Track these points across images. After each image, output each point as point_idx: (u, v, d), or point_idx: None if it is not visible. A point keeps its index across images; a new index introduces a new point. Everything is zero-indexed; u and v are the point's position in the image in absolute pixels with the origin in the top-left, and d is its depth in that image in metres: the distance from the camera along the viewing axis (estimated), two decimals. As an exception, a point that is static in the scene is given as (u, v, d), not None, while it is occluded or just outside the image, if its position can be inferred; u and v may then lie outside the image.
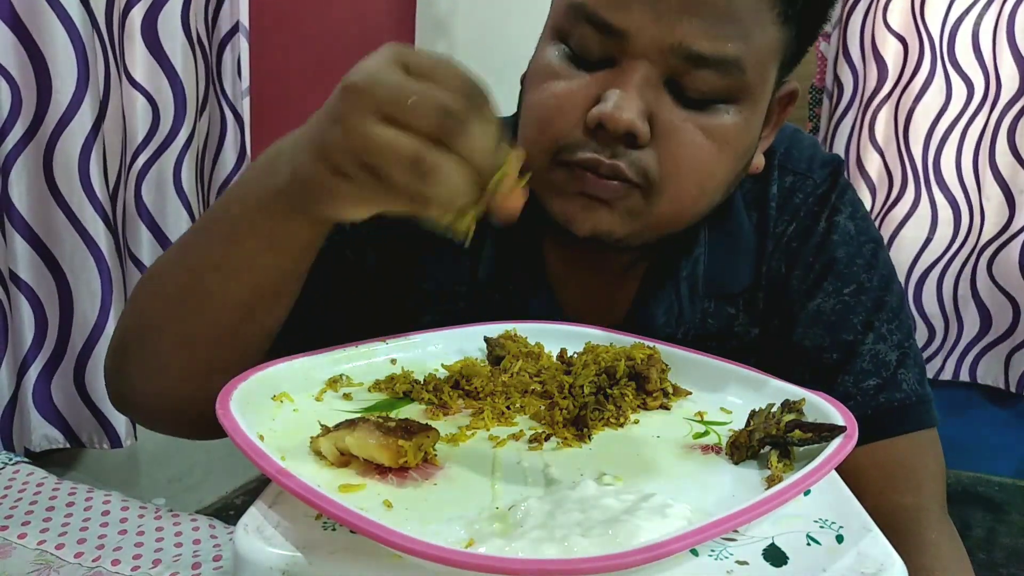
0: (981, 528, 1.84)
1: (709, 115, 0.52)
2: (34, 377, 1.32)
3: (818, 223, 0.62)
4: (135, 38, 1.43)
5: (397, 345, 0.52)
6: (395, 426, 0.36)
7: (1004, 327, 1.93)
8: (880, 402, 0.58)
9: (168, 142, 1.49)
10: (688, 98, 0.51)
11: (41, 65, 1.21)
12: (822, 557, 0.31)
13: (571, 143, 0.52)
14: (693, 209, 0.55)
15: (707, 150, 0.52)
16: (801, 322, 0.61)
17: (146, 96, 1.46)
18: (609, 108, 0.49)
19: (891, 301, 0.61)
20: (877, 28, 1.89)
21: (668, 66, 0.50)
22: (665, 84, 0.51)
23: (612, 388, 0.46)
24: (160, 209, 1.52)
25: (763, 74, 0.52)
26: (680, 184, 0.53)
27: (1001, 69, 1.83)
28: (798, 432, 0.38)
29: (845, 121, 1.95)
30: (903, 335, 0.61)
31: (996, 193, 1.89)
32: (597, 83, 0.52)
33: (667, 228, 0.56)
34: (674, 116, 0.51)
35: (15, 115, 1.22)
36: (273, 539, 0.31)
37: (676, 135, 0.51)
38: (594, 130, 0.51)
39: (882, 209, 1.97)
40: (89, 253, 1.29)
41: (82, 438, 1.38)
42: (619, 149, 0.51)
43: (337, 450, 0.36)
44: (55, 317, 1.31)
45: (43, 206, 1.26)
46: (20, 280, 1.27)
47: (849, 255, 0.61)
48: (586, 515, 0.32)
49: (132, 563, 0.76)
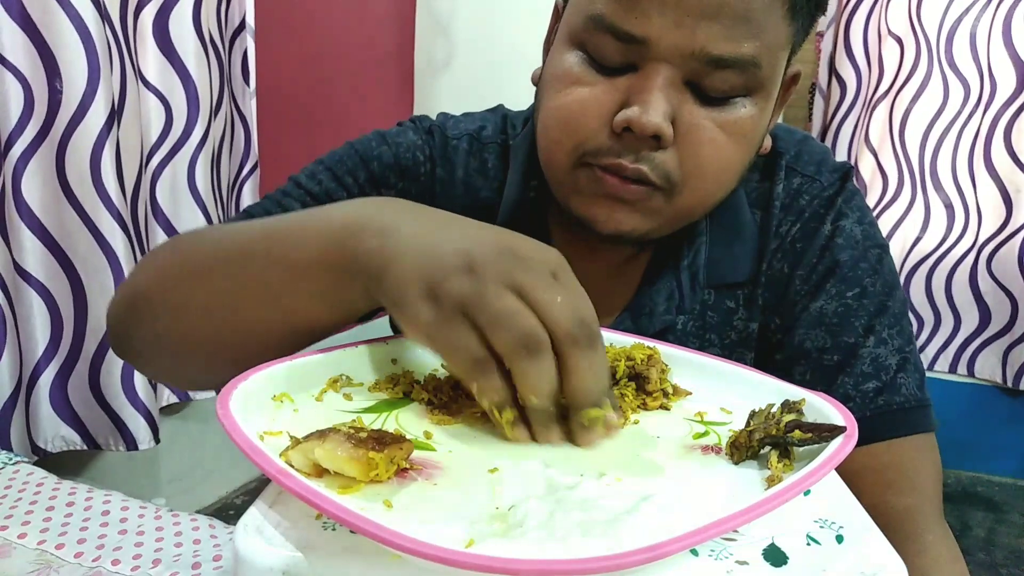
0: (981, 528, 1.84)
1: (727, 110, 0.53)
2: (50, 378, 1.33)
3: (823, 225, 0.63)
4: (147, 38, 1.43)
5: (397, 345, 0.52)
6: (367, 437, 0.35)
7: (1002, 323, 1.94)
8: (879, 405, 0.58)
9: (181, 143, 1.49)
10: (707, 96, 0.53)
11: (52, 65, 1.21)
12: (822, 557, 0.31)
13: (596, 147, 0.54)
14: (711, 201, 0.57)
15: (726, 145, 0.54)
16: (802, 323, 0.61)
17: (159, 97, 1.46)
18: (636, 112, 0.51)
19: (893, 307, 0.61)
20: (874, 29, 1.89)
21: (688, 69, 0.52)
22: (685, 84, 0.53)
23: (612, 388, 0.46)
24: (175, 210, 1.52)
25: (776, 67, 0.54)
26: (701, 181, 0.55)
27: (996, 70, 1.84)
28: (798, 432, 0.38)
29: (847, 121, 1.95)
30: (904, 340, 0.61)
31: (993, 193, 1.89)
32: (620, 88, 0.53)
33: (685, 220, 0.58)
34: (695, 115, 0.53)
35: (28, 115, 1.22)
36: (273, 539, 0.31)
37: (697, 134, 0.53)
38: (620, 134, 0.53)
39: (875, 208, 1.97)
40: (103, 253, 1.29)
41: (98, 440, 1.38)
42: (643, 152, 0.53)
43: (310, 461, 0.35)
44: (70, 318, 1.32)
45: (57, 206, 1.26)
46: (33, 279, 1.27)
47: (854, 259, 0.61)
48: (586, 515, 0.32)
49: (132, 563, 0.76)
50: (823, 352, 0.60)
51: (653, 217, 0.56)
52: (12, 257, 1.25)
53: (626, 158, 0.53)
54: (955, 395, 2.05)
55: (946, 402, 2.05)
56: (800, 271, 0.62)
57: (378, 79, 2.29)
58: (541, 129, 0.58)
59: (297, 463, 0.35)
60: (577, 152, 0.55)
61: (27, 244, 1.25)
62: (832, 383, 0.59)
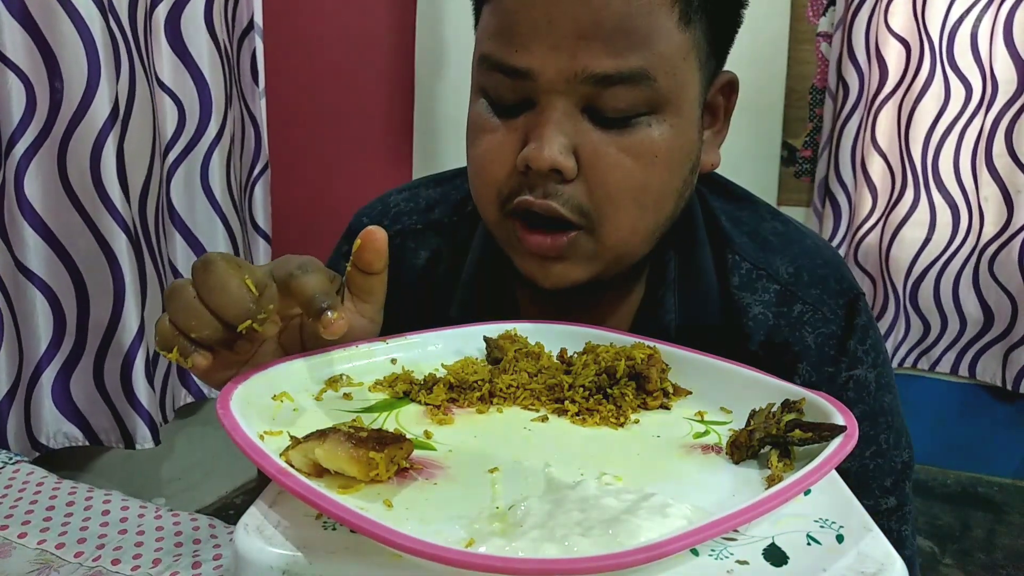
0: (981, 528, 1.84)
1: (631, 132, 0.52)
2: (53, 375, 1.33)
3: (838, 373, 0.60)
4: (160, 38, 1.43)
5: (397, 345, 0.52)
6: (367, 436, 0.35)
7: (1004, 325, 1.94)
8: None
9: (194, 143, 1.50)
10: (609, 119, 0.51)
11: (53, 64, 1.21)
12: (822, 557, 0.31)
13: (509, 191, 0.54)
14: (642, 228, 0.55)
15: (635, 169, 0.52)
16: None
17: (172, 97, 1.46)
18: (532, 149, 0.50)
19: (900, 466, 0.61)
20: (879, 30, 1.89)
21: (580, 94, 0.50)
22: (583, 112, 0.51)
23: (612, 388, 0.46)
24: (190, 210, 1.52)
25: (678, 77, 0.52)
26: (617, 210, 0.53)
27: (998, 70, 1.84)
28: (798, 432, 0.38)
29: (851, 122, 1.95)
30: (902, 498, 0.61)
31: (995, 193, 1.89)
32: (520, 127, 0.53)
33: (628, 255, 0.56)
34: (596, 142, 0.51)
35: (29, 115, 1.22)
36: (273, 539, 0.31)
37: (601, 161, 0.52)
38: (524, 173, 0.52)
39: (885, 210, 1.97)
40: (103, 252, 1.29)
41: (101, 437, 1.39)
42: (550, 188, 0.52)
43: (310, 461, 0.35)
44: (72, 315, 1.32)
45: (58, 205, 1.27)
46: (36, 277, 1.27)
47: (868, 415, 0.60)
48: (586, 515, 0.32)
49: (132, 563, 0.76)
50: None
51: (590, 262, 0.55)
52: (13, 255, 1.25)
53: (534, 194, 0.52)
54: (957, 396, 2.04)
55: (948, 403, 2.05)
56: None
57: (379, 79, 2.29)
58: (470, 184, 0.58)
59: (297, 463, 0.35)
60: (499, 200, 0.55)
61: (29, 242, 1.25)
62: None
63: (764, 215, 0.65)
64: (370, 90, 2.26)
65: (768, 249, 0.62)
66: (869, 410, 0.60)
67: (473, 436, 0.42)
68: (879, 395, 0.61)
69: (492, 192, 0.55)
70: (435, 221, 0.70)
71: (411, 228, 0.70)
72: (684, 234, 0.62)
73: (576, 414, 0.45)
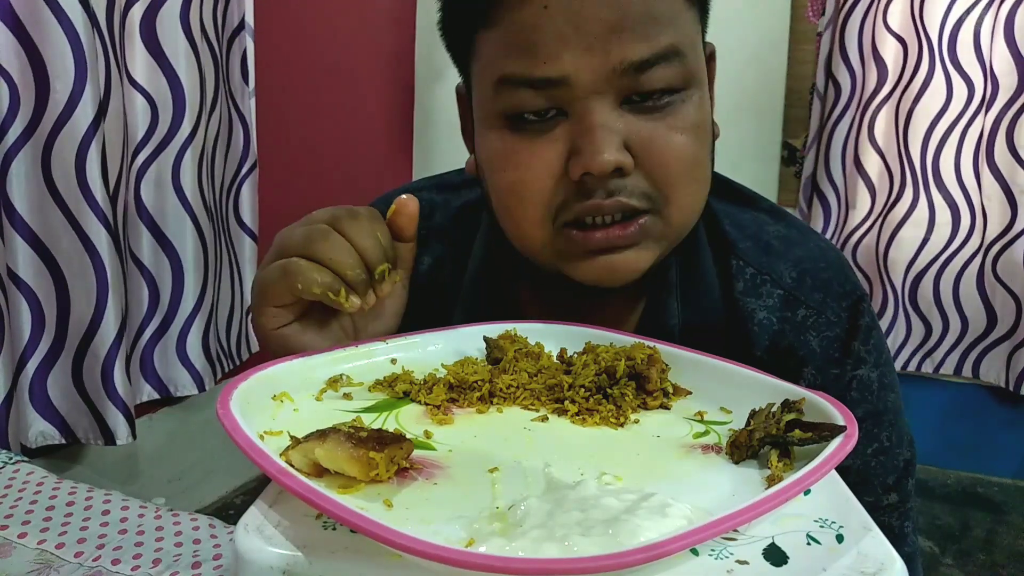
0: (981, 528, 1.84)
1: (672, 113, 0.53)
2: (31, 373, 1.33)
3: (843, 375, 0.60)
4: (134, 37, 1.43)
5: (397, 345, 0.52)
6: (367, 436, 0.35)
7: (1008, 326, 1.93)
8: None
9: (166, 142, 1.49)
10: (647, 107, 0.52)
11: (40, 65, 1.21)
12: (822, 557, 0.31)
13: (562, 202, 0.53)
14: (699, 201, 0.57)
15: (685, 144, 0.53)
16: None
17: (145, 96, 1.46)
18: (589, 156, 0.50)
19: (903, 464, 0.62)
20: (877, 28, 1.89)
21: (617, 88, 0.51)
22: (623, 106, 0.52)
23: (612, 388, 0.46)
24: (160, 208, 1.52)
25: (698, 53, 0.54)
26: (677, 187, 0.54)
27: (999, 69, 1.83)
28: (798, 432, 0.38)
29: (843, 122, 1.95)
30: (904, 494, 0.61)
31: (996, 193, 1.89)
32: (559, 137, 0.53)
33: (687, 231, 0.58)
34: (645, 131, 0.52)
35: (13, 114, 1.22)
36: (273, 539, 0.31)
37: (654, 147, 0.52)
38: (580, 180, 0.52)
39: (883, 210, 1.97)
40: (86, 251, 1.29)
41: (78, 435, 1.38)
42: (612, 185, 0.52)
43: (310, 461, 0.35)
44: (52, 314, 1.32)
45: (42, 204, 1.26)
46: (18, 278, 1.27)
47: (872, 414, 0.61)
48: (586, 514, 0.32)
49: (132, 563, 0.76)
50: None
51: (658, 244, 0.55)
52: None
53: (598, 196, 0.52)
54: (959, 397, 2.04)
55: (950, 403, 2.04)
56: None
57: (378, 79, 2.29)
58: (502, 212, 0.57)
59: (297, 463, 0.35)
60: (549, 217, 0.54)
61: (14, 243, 1.25)
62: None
63: (767, 217, 0.66)
64: (368, 91, 2.26)
65: (771, 253, 0.63)
66: (872, 409, 0.60)
67: (473, 436, 0.42)
68: (882, 394, 0.61)
69: (540, 211, 0.54)
70: (437, 227, 0.70)
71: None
72: (685, 237, 0.62)
73: (576, 414, 0.45)
